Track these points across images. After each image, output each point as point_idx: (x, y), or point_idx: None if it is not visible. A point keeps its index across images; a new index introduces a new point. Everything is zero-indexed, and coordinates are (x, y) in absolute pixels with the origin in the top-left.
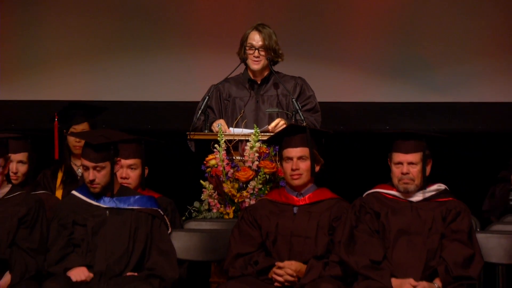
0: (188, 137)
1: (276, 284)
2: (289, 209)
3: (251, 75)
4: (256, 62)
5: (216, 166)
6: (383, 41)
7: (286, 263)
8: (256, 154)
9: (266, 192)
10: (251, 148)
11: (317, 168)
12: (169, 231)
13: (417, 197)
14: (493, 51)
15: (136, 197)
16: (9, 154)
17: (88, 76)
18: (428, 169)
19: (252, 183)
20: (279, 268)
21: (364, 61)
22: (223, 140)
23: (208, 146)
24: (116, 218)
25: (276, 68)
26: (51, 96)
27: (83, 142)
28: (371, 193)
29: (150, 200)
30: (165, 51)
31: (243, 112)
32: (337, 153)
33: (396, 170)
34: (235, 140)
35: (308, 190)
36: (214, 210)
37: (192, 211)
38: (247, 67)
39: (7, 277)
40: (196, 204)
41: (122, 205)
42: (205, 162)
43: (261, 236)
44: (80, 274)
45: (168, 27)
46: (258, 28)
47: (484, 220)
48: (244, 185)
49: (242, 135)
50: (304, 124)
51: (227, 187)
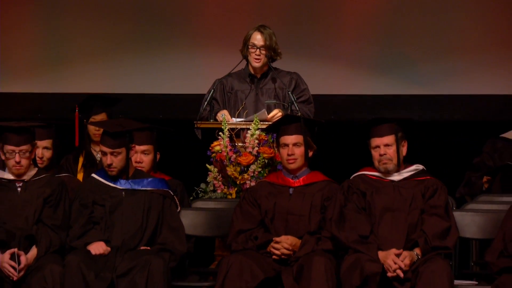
0: (195, 126)
1: (274, 257)
2: (285, 190)
3: (251, 71)
4: (258, 60)
5: (220, 151)
6: (370, 39)
7: (283, 238)
8: (256, 141)
9: (265, 175)
10: (252, 135)
11: (310, 154)
12: (178, 210)
13: (398, 177)
14: (468, 49)
15: (149, 179)
16: (36, 141)
17: (106, 71)
18: (404, 150)
19: (253, 167)
20: (276, 243)
21: (353, 58)
22: (227, 128)
23: (213, 134)
24: (131, 198)
25: (273, 64)
26: (73, 89)
27: (101, 130)
28: (357, 175)
29: (161, 182)
30: (174, 49)
31: (244, 103)
32: (328, 140)
33: (375, 154)
34: (237, 128)
35: (303, 173)
36: (219, 191)
37: (199, 192)
38: (248, 63)
39: (33, 251)
40: (203, 185)
41: (136, 187)
42: (210, 148)
43: (261, 214)
44: (99, 248)
45: (178, 28)
46: (260, 29)
47: (459, 199)
48: (245, 169)
49: (243, 123)
50: (299, 114)
51: (230, 170)
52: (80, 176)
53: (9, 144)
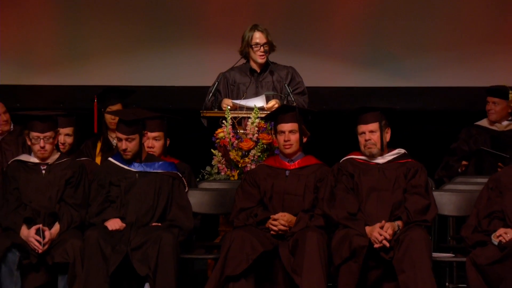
0: (201, 115)
1: (271, 232)
2: (282, 172)
3: (253, 66)
4: (263, 57)
5: (224, 138)
6: (358, 37)
7: (280, 215)
8: (256, 128)
9: (264, 158)
10: (252, 123)
11: (304, 140)
12: (186, 190)
13: (382, 160)
14: (444, 46)
15: (160, 162)
16: (58, 129)
17: (121, 66)
18: (388, 136)
19: (253, 152)
20: (274, 220)
21: (342, 54)
22: (230, 117)
23: (217, 122)
24: (143, 180)
25: (270, 58)
26: (91, 81)
27: (117, 119)
28: (346, 159)
29: (171, 165)
30: (182, 46)
31: (245, 94)
32: (320, 128)
33: (361, 139)
34: (239, 117)
35: (298, 157)
36: (222, 173)
37: (205, 174)
38: (248, 59)
39: (56, 227)
40: (208, 168)
41: (148, 169)
42: (215, 134)
43: (260, 194)
44: (115, 224)
45: (185, 27)
46: (258, 28)
47: (438, 181)
48: (246, 153)
49: (244, 112)
50: (294, 104)
51: (232, 154)
52: (98, 160)
53: (35, 131)
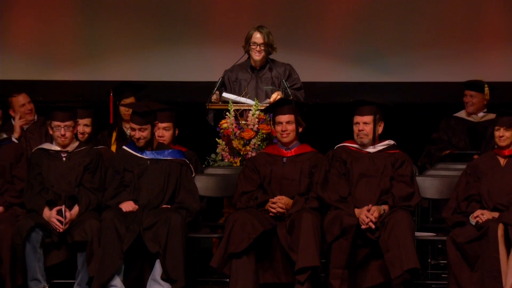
0: (207, 107)
1: (270, 213)
2: (280, 159)
3: (252, 63)
4: (258, 55)
5: (227, 128)
6: (349, 37)
7: (278, 198)
8: (256, 120)
9: (263, 147)
10: (253, 115)
11: (300, 130)
12: (193, 175)
13: (373, 149)
14: (427, 45)
15: (169, 150)
16: (77, 119)
17: (134, 62)
18: (380, 128)
19: (253, 141)
20: (273, 203)
21: (335, 52)
22: (232, 109)
23: (221, 114)
24: (155, 166)
25: (270, 57)
26: (107, 77)
27: (131, 110)
28: (340, 146)
29: (179, 152)
30: (190, 45)
31: (246, 89)
32: (315, 119)
33: (355, 129)
34: (241, 109)
35: (294, 145)
36: (226, 160)
37: (210, 160)
38: (249, 57)
39: (76, 208)
40: (213, 155)
41: (159, 156)
42: (219, 125)
43: (260, 178)
44: (128, 206)
45: (192, 27)
46: (259, 29)
47: (421, 167)
48: (248, 142)
49: (246, 105)
50: (291, 98)
51: (235, 143)
52: (113, 148)
53: (56, 120)
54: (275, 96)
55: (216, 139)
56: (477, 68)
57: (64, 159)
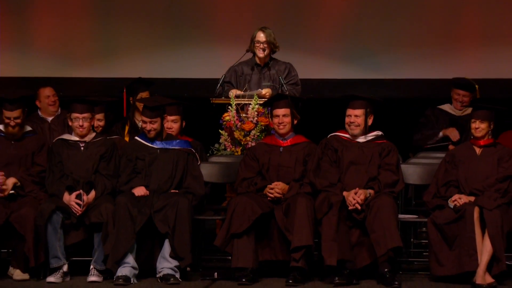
0: (211, 101)
1: (268, 198)
2: (277, 148)
3: (257, 61)
4: (262, 52)
5: (229, 120)
6: (341, 37)
7: (275, 184)
8: (256, 113)
9: (262, 137)
10: (252, 108)
11: (295, 122)
12: (198, 163)
13: (363, 139)
14: (413, 44)
15: (177, 141)
16: (94, 113)
17: (146, 61)
18: (370, 121)
19: (253, 132)
20: (271, 188)
21: (327, 51)
22: (234, 103)
23: (224, 107)
24: (164, 155)
25: (272, 55)
26: (121, 74)
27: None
28: (332, 135)
29: (186, 143)
30: (196, 44)
31: (249, 84)
32: (309, 112)
33: (347, 120)
34: (242, 103)
35: (290, 136)
36: (228, 149)
37: (214, 150)
38: (254, 55)
39: (92, 193)
40: (216, 145)
41: (168, 146)
42: (222, 118)
43: (259, 166)
44: (140, 191)
45: (199, 28)
46: (263, 29)
47: (404, 155)
48: (248, 133)
49: (246, 100)
50: (287, 93)
51: (236, 134)
52: (126, 138)
53: (75, 112)
54: (265, 92)
55: (219, 131)
56: (457, 65)
57: (82, 148)
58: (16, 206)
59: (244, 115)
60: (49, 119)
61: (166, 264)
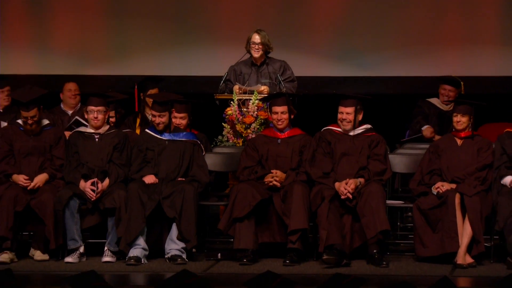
0: (215, 97)
1: (268, 185)
2: (275, 140)
3: (253, 60)
4: (256, 52)
5: (231, 114)
6: (332, 37)
7: (275, 171)
8: (256, 108)
9: (262, 130)
10: (253, 103)
11: (292, 116)
12: (203, 153)
13: (354, 132)
14: (399, 44)
15: (184, 133)
16: (108, 107)
17: (155, 60)
18: (360, 116)
19: (253, 125)
20: (272, 177)
21: (320, 50)
22: (236, 99)
23: (227, 102)
24: (172, 146)
25: (268, 55)
26: (133, 72)
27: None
28: (326, 129)
29: (192, 135)
30: (201, 46)
31: (248, 82)
32: (304, 107)
33: (339, 116)
34: (243, 99)
35: (287, 129)
36: (230, 141)
37: (217, 141)
38: (251, 55)
39: (106, 181)
40: (220, 137)
41: (175, 138)
42: (225, 112)
43: (259, 156)
44: (150, 179)
45: (203, 31)
46: (258, 31)
47: (392, 146)
48: (248, 126)
49: (247, 96)
50: (284, 90)
51: (238, 127)
52: (137, 131)
53: (91, 105)
54: (262, 89)
55: (222, 124)
56: (440, 64)
57: (97, 139)
58: (37, 193)
59: (245, 109)
60: (70, 112)
61: (173, 246)
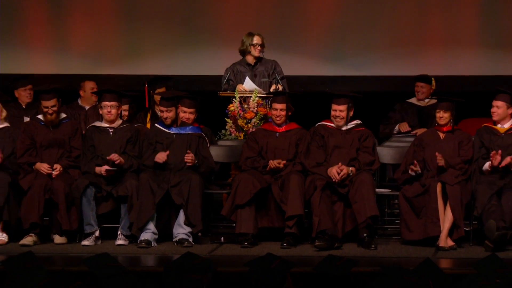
0: (219, 94)
1: (268, 168)
2: (274, 133)
3: (248, 60)
4: (258, 52)
5: (234, 110)
6: (324, 39)
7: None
8: (256, 104)
9: (261, 124)
10: (253, 100)
11: (289, 113)
12: (208, 146)
13: (345, 127)
14: (387, 46)
15: (190, 127)
16: (121, 103)
17: (164, 60)
18: (351, 113)
19: (253, 120)
20: (276, 162)
21: (313, 51)
22: (238, 96)
23: (229, 99)
24: (179, 139)
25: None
26: (144, 71)
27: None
28: (320, 124)
29: (198, 128)
30: (205, 48)
31: (244, 80)
32: (300, 104)
33: (332, 113)
34: (244, 96)
35: (284, 123)
36: (233, 135)
37: (221, 135)
38: (244, 56)
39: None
40: (223, 131)
41: (182, 132)
42: (228, 108)
43: (259, 148)
44: (160, 157)
45: (208, 34)
46: (257, 34)
47: (381, 139)
48: (249, 121)
49: (248, 93)
50: (280, 89)
51: (240, 122)
52: (148, 125)
53: (105, 100)
54: (274, 88)
55: (225, 119)
56: (423, 64)
57: (111, 133)
58: (52, 181)
59: (246, 106)
60: (87, 107)
61: (181, 230)
